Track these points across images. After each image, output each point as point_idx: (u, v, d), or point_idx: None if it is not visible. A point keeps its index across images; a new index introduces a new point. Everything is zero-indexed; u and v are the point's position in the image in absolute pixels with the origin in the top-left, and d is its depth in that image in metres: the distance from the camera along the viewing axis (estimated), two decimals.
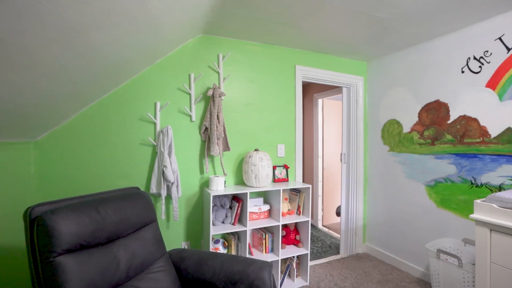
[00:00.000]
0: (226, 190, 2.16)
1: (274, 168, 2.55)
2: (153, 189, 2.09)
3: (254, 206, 2.32)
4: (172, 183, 2.08)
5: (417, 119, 2.56)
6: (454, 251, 2.20)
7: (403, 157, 2.70)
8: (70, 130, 1.93)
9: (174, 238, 2.24)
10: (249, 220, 2.27)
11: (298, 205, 2.49)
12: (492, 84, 2.01)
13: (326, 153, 4.14)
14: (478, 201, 1.65)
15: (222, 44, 2.38)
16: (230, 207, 2.29)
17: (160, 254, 1.60)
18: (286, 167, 2.60)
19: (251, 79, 2.50)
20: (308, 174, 4.35)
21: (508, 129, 1.92)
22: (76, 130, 1.95)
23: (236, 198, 2.30)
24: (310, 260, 2.89)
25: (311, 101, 4.27)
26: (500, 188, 1.97)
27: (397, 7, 1.85)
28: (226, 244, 2.24)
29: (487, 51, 2.03)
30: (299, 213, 2.47)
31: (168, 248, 2.19)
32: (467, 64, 2.16)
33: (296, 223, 2.55)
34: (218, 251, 2.16)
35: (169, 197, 2.18)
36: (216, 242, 2.20)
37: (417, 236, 2.56)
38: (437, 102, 2.38)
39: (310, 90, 4.29)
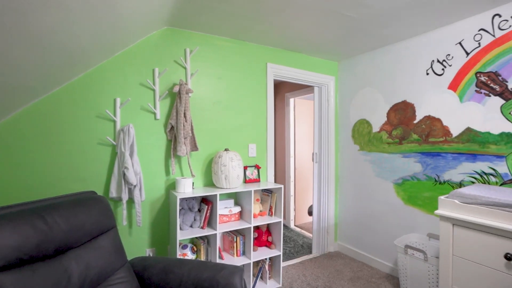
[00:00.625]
0: (194, 192, 2.04)
1: (245, 168, 2.47)
2: (113, 193, 1.91)
3: (224, 208, 2.22)
4: (135, 186, 1.92)
5: (385, 119, 2.63)
6: (420, 246, 2.28)
7: (373, 156, 2.76)
8: (11, 129, 1.69)
9: (138, 245, 2.07)
10: (219, 223, 2.17)
11: (270, 205, 2.43)
12: (453, 86, 2.10)
13: (298, 153, 4.14)
14: (442, 197, 1.70)
15: (189, 38, 2.25)
16: (199, 210, 2.17)
17: (120, 264, 1.45)
18: (257, 167, 2.53)
19: (221, 76, 2.40)
20: (280, 174, 4.33)
21: (468, 129, 2.02)
22: (19, 129, 1.71)
23: (205, 200, 2.18)
24: (283, 261, 2.86)
25: (282, 101, 4.26)
26: (461, 184, 2.06)
27: (366, 7, 1.86)
28: (195, 249, 2.12)
29: (449, 55, 2.12)
30: (271, 214, 2.42)
31: (131, 256, 2.02)
32: (431, 67, 2.24)
33: (268, 224, 2.50)
34: (186, 257, 2.04)
35: (131, 201, 2.01)
36: (184, 247, 2.08)
37: (386, 233, 2.63)
38: (404, 103, 2.46)
39: (282, 89, 4.28)
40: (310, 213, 4.30)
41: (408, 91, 2.42)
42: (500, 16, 1.85)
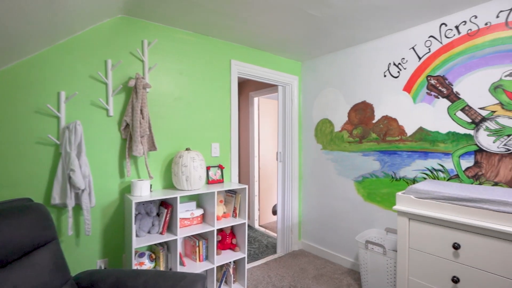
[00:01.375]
0: (152, 195, 1.88)
1: (208, 168, 2.37)
2: (56, 199, 1.68)
3: (185, 211, 2.09)
4: (83, 191, 1.71)
5: (346, 118, 2.71)
6: (379, 240, 2.38)
7: (335, 155, 2.83)
8: None
9: (87, 257, 1.85)
10: (180, 227, 2.04)
11: (234, 207, 2.36)
12: (407, 88, 2.23)
13: (262, 152, 4.13)
14: (399, 193, 1.78)
15: (147, 29, 2.08)
16: (158, 214, 2.02)
17: (60, 282, 1.27)
18: (221, 167, 2.44)
19: (182, 71, 2.27)
20: (244, 174, 4.28)
21: (420, 128, 2.16)
22: None
23: (164, 203, 2.03)
24: (248, 263, 2.80)
25: (246, 100, 4.21)
26: (414, 180, 2.20)
27: (329, 6, 1.88)
28: (153, 257, 1.96)
29: (403, 58, 2.25)
30: (235, 216, 2.35)
31: (78, 270, 1.80)
32: (388, 69, 2.36)
33: (232, 226, 2.42)
34: (143, 266, 1.87)
35: (78, 207, 1.79)
36: (141, 255, 1.91)
37: (347, 229, 2.71)
38: (364, 103, 2.56)
39: (246, 88, 4.23)
40: (274, 212, 4.32)
41: (368, 92, 2.52)
42: (446, 25, 2.00)
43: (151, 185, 2.03)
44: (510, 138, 1.73)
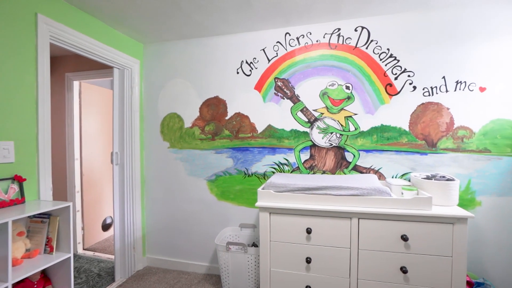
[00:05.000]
0: None
1: None
2: None
3: None
4: None
5: (198, 114, 2.51)
6: (234, 238, 2.37)
7: (185, 153, 2.57)
8: None
9: None
10: None
11: (48, 237, 1.58)
12: (258, 87, 2.33)
13: (86, 154, 3.16)
14: (260, 189, 1.80)
15: None
16: None
17: None
18: (18, 179, 1.56)
19: None
20: (60, 185, 3.11)
21: (269, 126, 2.32)
22: None
23: None
24: None
25: (61, 83, 3.07)
26: (265, 175, 2.34)
27: None
28: None
29: (255, 58, 2.33)
30: (51, 250, 1.57)
31: None
32: (241, 67, 2.37)
33: (44, 270, 1.61)
34: None
35: None
36: None
37: (201, 232, 2.53)
38: (216, 98, 2.45)
39: (60, 66, 3.08)
40: (105, 227, 3.45)
41: (221, 87, 2.44)
42: (290, 34, 2.26)
43: None
44: (332, 135, 2.17)
